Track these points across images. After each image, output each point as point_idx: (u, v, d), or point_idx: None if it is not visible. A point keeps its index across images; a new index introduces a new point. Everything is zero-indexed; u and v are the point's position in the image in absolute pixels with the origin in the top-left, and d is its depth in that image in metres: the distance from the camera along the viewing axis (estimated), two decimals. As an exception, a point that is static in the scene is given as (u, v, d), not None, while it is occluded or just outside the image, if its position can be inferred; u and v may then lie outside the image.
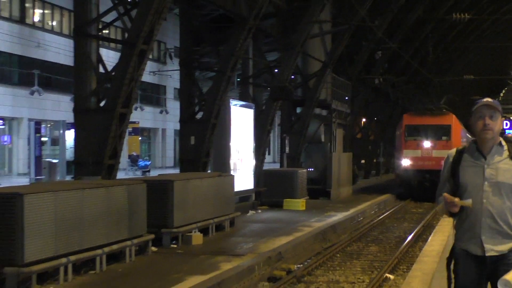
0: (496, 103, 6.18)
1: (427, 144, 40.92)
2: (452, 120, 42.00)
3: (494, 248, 6.17)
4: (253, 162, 32.28)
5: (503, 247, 6.14)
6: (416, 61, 66.76)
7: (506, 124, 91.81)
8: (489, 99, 6.31)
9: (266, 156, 36.94)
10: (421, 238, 25.55)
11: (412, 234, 26.26)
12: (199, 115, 27.43)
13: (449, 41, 74.71)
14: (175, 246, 19.90)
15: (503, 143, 6.35)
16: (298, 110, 38.29)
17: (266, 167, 35.81)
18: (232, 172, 28.01)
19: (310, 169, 38.15)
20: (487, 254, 6.18)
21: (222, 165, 28.69)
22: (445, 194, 6.24)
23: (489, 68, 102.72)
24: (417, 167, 40.52)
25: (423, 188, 40.12)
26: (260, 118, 33.29)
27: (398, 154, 42.14)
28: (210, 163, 27.68)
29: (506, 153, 6.24)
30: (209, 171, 27.10)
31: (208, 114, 26.83)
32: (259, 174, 33.14)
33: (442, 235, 18.70)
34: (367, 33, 46.02)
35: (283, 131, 38.87)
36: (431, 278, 13.03)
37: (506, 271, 5.80)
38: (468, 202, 6.21)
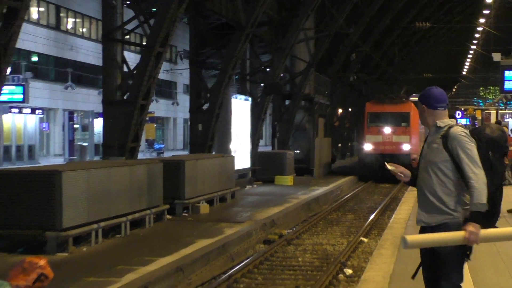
0: (415, 98, 6.11)
1: (387, 130, 37.89)
2: (411, 108, 38.46)
3: (423, 219, 5.92)
4: (249, 145, 32.32)
5: (431, 220, 5.85)
6: (385, 62, 66.80)
7: (458, 114, 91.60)
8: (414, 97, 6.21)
9: (260, 140, 36.94)
10: (389, 208, 25.57)
11: (382, 205, 26.29)
12: (205, 107, 27.37)
13: (412, 45, 74.74)
14: (186, 214, 19.94)
15: (442, 125, 5.97)
16: (287, 102, 38.23)
17: (260, 149, 35.77)
18: (232, 154, 28.00)
19: (297, 151, 38.07)
20: (417, 224, 5.98)
21: (224, 148, 28.72)
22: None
23: (444, 67, 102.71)
24: (379, 151, 37.50)
25: (384, 170, 36.50)
26: (255, 109, 33.27)
27: (361, 139, 39.65)
28: (214, 146, 27.65)
29: (441, 134, 5.92)
30: (213, 153, 27.06)
31: (213, 106, 26.81)
32: (255, 155, 33.13)
33: (407, 205, 18.80)
34: (344, 39, 45.90)
35: (274, 120, 38.87)
36: (400, 239, 13.11)
37: None
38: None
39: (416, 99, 6.23)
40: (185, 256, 13.64)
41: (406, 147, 37.04)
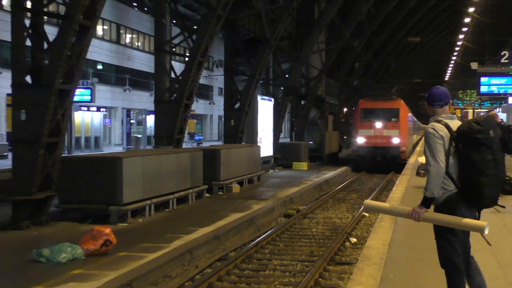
0: None
1: (379, 124, 34.19)
2: (401, 105, 35.51)
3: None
4: (272, 137, 32.32)
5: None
6: (382, 69, 66.51)
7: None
8: None
9: (281, 133, 36.88)
10: (386, 189, 25.39)
11: (380, 186, 26.17)
12: (236, 106, 27.35)
13: (405, 55, 74.33)
14: (221, 193, 19.98)
15: (431, 121, 5.74)
16: (302, 102, 38.11)
17: (281, 141, 35.71)
18: (258, 144, 28.06)
19: (310, 142, 37.98)
20: None
21: (252, 139, 28.73)
22: None
23: (430, 74, 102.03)
24: (370, 144, 33.96)
25: (375, 161, 34.17)
26: (277, 108, 33.25)
27: (355, 133, 35.26)
28: (243, 137, 27.66)
29: None
30: (243, 143, 27.06)
31: (243, 105, 26.81)
32: (276, 145, 33.12)
33: (401, 187, 18.75)
34: (350, 50, 45.67)
35: (292, 116, 38.72)
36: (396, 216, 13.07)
37: None
38: None
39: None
40: (221, 227, 13.68)
41: (395, 140, 33.93)
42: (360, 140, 34.08)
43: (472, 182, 5.45)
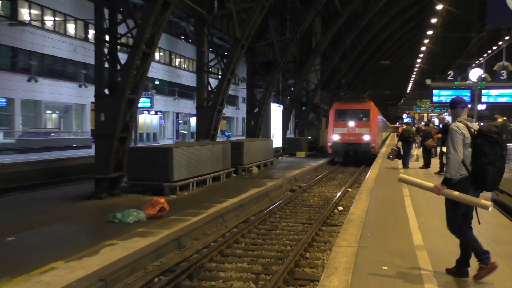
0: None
1: (351, 123, 29.00)
2: (371, 106, 30.22)
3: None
4: (281, 133, 32.29)
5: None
6: (362, 84, 66.05)
7: (405, 115, 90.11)
8: None
9: (287, 130, 36.87)
10: (364, 171, 25.20)
11: (359, 169, 25.98)
12: (255, 110, 27.27)
13: (378, 74, 73.95)
14: (244, 174, 19.90)
15: (451, 121, 5.64)
16: (304, 108, 37.99)
17: (288, 136, 35.62)
18: (271, 138, 28.03)
19: (309, 137, 37.84)
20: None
21: (267, 134, 28.73)
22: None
23: (397, 87, 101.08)
24: (344, 141, 28.93)
25: (348, 156, 29.22)
26: (285, 112, 33.20)
27: (330, 131, 29.68)
28: (260, 133, 27.60)
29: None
30: (260, 137, 27.03)
31: (260, 110, 26.70)
32: (284, 139, 33.08)
33: (375, 170, 18.58)
34: (337, 70, 45.38)
35: (296, 118, 38.59)
36: (371, 189, 12.98)
37: None
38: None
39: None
40: (244, 198, 13.67)
41: (366, 137, 28.97)
42: (335, 137, 29.24)
43: (482, 169, 5.36)
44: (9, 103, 34.14)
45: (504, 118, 25.69)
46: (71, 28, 38.25)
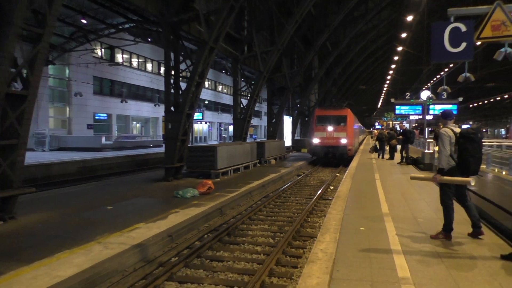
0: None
1: (330, 128, 23.22)
2: (348, 113, 24.26)
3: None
4: (291, 136, 32.03)
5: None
6: (345, 99, 65.02)
7: (377, 123, 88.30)
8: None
9: (295, 134, 36.60)
10: (349, 162, 24.80)
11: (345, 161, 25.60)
12: (273, 120, 27.09)
13: (359, 95, 72.79)
14: (265, 164, 19.67)
15: (441, 127, 5.40)
16: (306, 119, 37.65)
17: (295, 138, 35.37)
18: (284, 139, 27.79)
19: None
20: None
21: (281, 137, 28.55)
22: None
23: (370, 102, 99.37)
24: (323, 144, 23.07)
25: (327, 157, 23.48)
26: (293, 121, 32.93)
27: (311, 135, 23.91)
28: (276, 136, 27.40)
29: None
30: (276, 139, 26.89)
31: (277, 120, 26.51)
32: (293, 140, 32.82)
33: (356, 161, 18.32)
34: (330, 92, 44.76)
35: (301, 125, 38.28)
36: (353, 174, 12.79)
37: None
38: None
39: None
40: (265, 180, 13.57)
41: (343, 140, 23.39)
42: (316, 140, 23.56)
43: (465, 160, 5.27)
44: (109, 117, 34.92)
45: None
46: (149, 66, 38.84)
